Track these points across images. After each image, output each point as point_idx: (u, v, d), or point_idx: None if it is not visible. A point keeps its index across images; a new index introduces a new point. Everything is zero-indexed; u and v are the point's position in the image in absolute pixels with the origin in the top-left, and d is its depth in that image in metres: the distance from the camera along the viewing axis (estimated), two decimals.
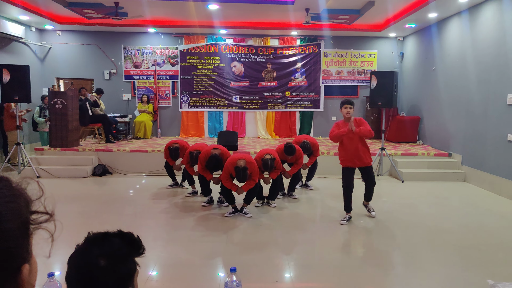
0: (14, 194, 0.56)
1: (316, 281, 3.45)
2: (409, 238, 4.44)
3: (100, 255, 0.99)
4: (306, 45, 10.74)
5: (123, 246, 1.03)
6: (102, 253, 0.99)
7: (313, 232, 4.74)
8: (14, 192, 0.56)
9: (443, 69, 8.39)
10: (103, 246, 1.01)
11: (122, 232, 1.05)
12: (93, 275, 0.97)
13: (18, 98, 7.23)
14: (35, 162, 7.72)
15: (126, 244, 1.03)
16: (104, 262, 0.98)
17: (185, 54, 10.62)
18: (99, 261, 0.98)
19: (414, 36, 10.04)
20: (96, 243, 1.02)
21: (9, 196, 0.55)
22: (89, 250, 1.00)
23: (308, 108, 10.86)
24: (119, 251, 1.01)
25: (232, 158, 5.10)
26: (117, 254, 1.01)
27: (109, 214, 5.31)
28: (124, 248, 1.03)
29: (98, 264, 0.97)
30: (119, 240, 1.03)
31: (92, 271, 0.97)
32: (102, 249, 1.00)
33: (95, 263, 0.98)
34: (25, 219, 0.57)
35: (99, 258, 0.98)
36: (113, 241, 1.02)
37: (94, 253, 0.99)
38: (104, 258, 0.98)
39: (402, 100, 10.57)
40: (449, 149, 8.05)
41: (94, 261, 0.98)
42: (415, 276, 3.48)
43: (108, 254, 0.99)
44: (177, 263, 3.69)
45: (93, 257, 0.98)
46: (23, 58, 9.59)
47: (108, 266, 0.98)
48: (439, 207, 5.72)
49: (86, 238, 1.04)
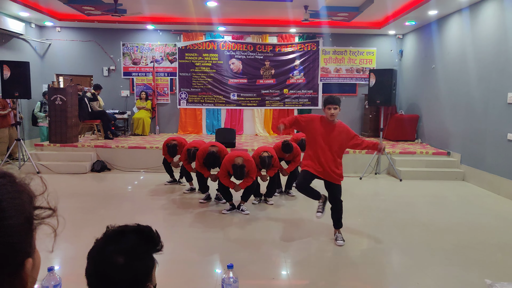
0: (18, 190, 0.56)
1: (312, 279, 3.46)
2: (407, 237, 4.45)
3: (116, 252, 0.99)
4: (304, 43, 10.73)
5: (140, 243, 1.02)
6: (118, 250, 1.00)
7: (310, 229, 4.76)
8: (18, 188, 0.57)
9: (443, 67, 8.39)
10: (119, 243, 1.01)
11: (140, 227, 1.05)
12: (109, 271, 0.98)
13: (19, 94, 7.24)
14: (35, 157, 7.74)
15: (143, 240, 1.03)
16: (120, 259, 0.98)
17: (183, 51, 10.61)
18: (115, 258, 0.98)
19: (413, 34, 10.04)
20: (113, 239, 1.02)
21: (12, 192, 0.55)
22: (106, 247, 1.01)
23: (306, 105, 10.86)
24: (136, 248, 1.01)
25: (230, 156, 5.11)
26: (134, 251, 1.01)
27: (107, 210, 5.32)
28: (141, 244, 1.02)
29: (114, 261, 0.98)
30: (136, 236, 1.03)
31: (108, 268, 0.99)
32: (118, 246, 1.00)
33: (110, 260, 0.99)
34: (28, 215, 0.57)
35: (115, 255, 0.99)
36: (130, 238, 1.02)
37: (110, 250, 1.00)
38: (120, 255, 0.99)
39: (401, 98, 10.58)
40: (448, 147, 8.06)
41: (110, 258, 0.99)
42: (412, 275, 3.50)
43: (124, 251, 1.00)
44: (175, 259, 3.70)
45: (109, 254, 0.99)
46: (23, 54, 9.58)
47: (124, 263, 0.98)
48: (437, 206, 5.73)
49: (105, 233, 1.05)
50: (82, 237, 3.94)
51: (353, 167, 7.87)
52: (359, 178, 7.43)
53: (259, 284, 3.33)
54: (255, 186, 5.35)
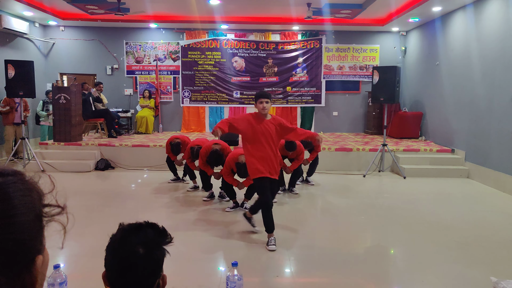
0: (28, 188, 0.57)
1: (316, 277, 3.46)
2: (411, 235, 4.44)
3: (139, 244, 1.09)
4: (307, 40, 10.70)
5: (156, 235, 1.13)
6: (140, 241, 1.10)
7: (314, 227, 4.76)
8: (28, 186, 0.57)
9: (447, 64, 8.35)
10: (139, 236, 1.11)
11: (152, 222, 1.16)
12: (134, 262, 1.08)
13: (23, 93, 7.27)
14: (39, 156, 7.78)
15: (157, 233, 1.14)
16: (142, 250, 1.08)
17: (186, 49, 10.61)
18: (139, 249, 1.08)
19: (417, 31, 9.98)
20: (133, 233, 1.12)
21: (23, 190, 0.56)
22: (128, 240, 1.10)
23: (309, 103, 10.84)
24: (154, 239, 1.12)
25: (233, 154, 5.11)
26: (153, 242, 1.11)
27: (111, 208, 5.34)
28: (157, 236, 1.13)
29: (138, 252, 1.08)
30: (151, 230, 1.14)
31: (132, 259, 1.08)
32: (139, 238, 1.10)
33: (135, 251, 1.08)
34: (38, 212, 0.58)
35: (138, 246, 1.09)
36: (148, 231, 1.13)
37: (133, 242, 1.09)
38: (143, 246, 1.09)
39: (404, 96, 10.54)
40: (452, 145, 8.02)
41: (134, 249, 1.08)
42: (417, 273, 3.48)
43: (145, 242, 1.10)
44: (178, 257, 3.71)
45: (132, 246, 1.09)
46: (28, 53, 9.62)
47: (146, 253, 1.09)
48: (441, 203, 5.70)
49: (122, 228, 1.14)
50: (87, 235, 3.95)
51: (357, 164, 7.86)
52: (363, 175, 7.41)
53: (263, 282, 3.34)
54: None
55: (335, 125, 10.91)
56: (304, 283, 3.35)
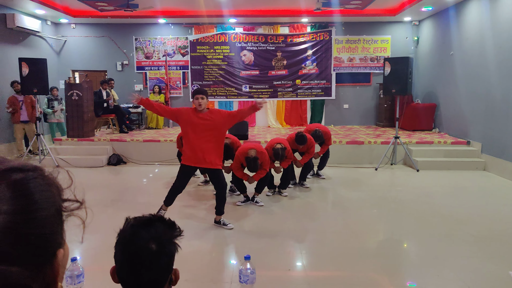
0: (48, 183, 0.58)
1: (328, 270, 3.44)
2: (425, 228, 4.36)
3: (151, 239, 1.06)
4: (317, 32, 10.59)
5: (166, 229, 1.11)
6: (152, 237, 1.07)
7: (325, 221, 4.72)
8: (48, 181, 0.59)
9: (461, 54, 8.17)
10: (150, 231, 1.08)
11: (160, 216, 1.14)
12: (147, 258, 1.05)
13: (37, 90, 7.36)
14: (54, 152, 7.89)
15: (167, 227, 1.12)
16: (155, 246, 1.06)
17: (195, 44, 10.59)
18: (151, 245, 1.06)
19: (430, 20, 9.79)
20: (144, 228, 1.09)
21: (43, 185, 0.57)
22: (139, 235, 1.07)
23: (319, 96, 10.75)
24: (165, 234, 1.10)
25: (243, 148, 5.09)
26: (164, 237, 1.09)
27: (123, 202, 5.39)
28: (168, 230, 1.11)
29: (150, 248, 1.06)
30: (161, 223, 1.11)
31: (145, 255, 1.05)
32: (150, 233, 1.08)
33: (147, 247, 1.05)
34: (58, 207, 0.59)
35: (150, 242, 1.06)
36: (158, 225, 1.10)
37: (145, 238, 1.07)
38: (155, 241, 1.06)
39: (417, 87, 10.37)
40: (468, 136, 7.86)
41: (146, 245, 1.06)
42: (431, 267, 3.43)
43: (156, 237, 1.07)
44: (190, 251, 3.72)
45: (144, 242, 1.06)
46: (40, 51, 9.73)
47: (158, 249, 1.06)
48: (456, 196, 5.59)
49: (131, 224, 1.11)
50: (101, 229, 3.99)
51: (369, 157, 7.77)
52: (375, 169, 7.33)
53: (275, 275, 3.32)
54: (268, 178, 5.33)
55: (346, 118, 10.81)
56: (317, 276, 3.32)
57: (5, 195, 0.51)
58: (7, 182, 0.53)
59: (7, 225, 0.50)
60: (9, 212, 0.50)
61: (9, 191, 0.52)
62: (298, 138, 5.58)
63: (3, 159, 0.56)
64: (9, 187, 0.52)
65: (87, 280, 2.49)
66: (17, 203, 0.52)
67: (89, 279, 2.49)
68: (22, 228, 0.52)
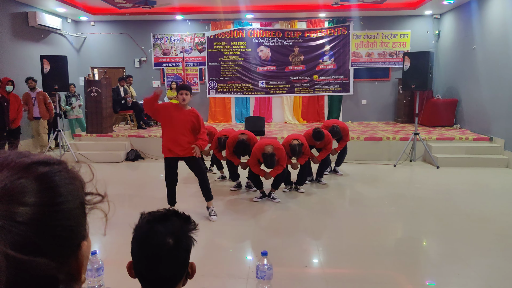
0: (72, 177, 0.60)
1: (346, 268, 3.40)
2: (445, 226, 4.27)
3: (168, 234, 1.06)
4: (334, 27, 10.46)
5: (182, 223, 1.11)
6: (169, 232, 1.07)
7: (342, 217, 4.67)
8: (71, 175, 0.60)
9: (484, 48, 7.93)
10: (167, 225, 1.08)
11: (175, 210, 1.14)
12: (165, 254, 1.05)
13: (58, 87, 7.51)
14: (74, 147, 8.05)
15: (183, 221, 1.11)
16: (172, 241, 1.06)
17: (212, 40, 10.61)
18: (168, 240, 1.06)
19: (452, 13, 9.54)
20: (160, 223, 1.09)
21: (68, 178, 0.58)
22: (156, 231, 1.07)
23: (336, 92, 10.63)
24: (182, 228, 1.09)
25: (260, 144, 5.08)
26: (181, 231, 1.09)
27: (141, 198, 5.46)
28: (184, 225, 1.10)
29: (168, 243, 1.05)
30: (177, 218, 1.11)
31: (163, 251, 1.05)
32: (167, 228, 1.07)
33: (164, 242, 1.05)
34: (82, 200, 0.61)
35: (168, 237, 1.06)
36: (174, 220, 1.10)
37: (162, 233, 1.06)
38: (172, 236, 1.06)
39: (437, 82, 10.14)
40: (490, 133, 7.65)
41: (164, 241, 1.05)
42: (452, 266, 3.35)
43: (173, 232, 1.07)
44: (206, 246, 3.74)
45: (162, 237, 1.06)
46: (61, 48, 9.93)
47: (175, 243, 1.06)
48: (478, 194, 5.46)
49: (147, 219, 1.11)
50: (118, 224, 4.04)
51: (387, 154, 7.65)
52: (393, 165, 7.21)
53: (292, 272, 3.31)
54: (285, 174, 5.30)
55: (364, 114, 10.66)
56: (334, 273, 3.30)
57: (32, 188, 0.52)
58: (34, 175, 0.54)
59: (35, 216, 0.51)
60: (36, 204, 0.52)
61: (36, 184, 0.53)
62: (315, 134, 5.53)
63: (28, 153, 0.58)
64: (36, 180, 0.54)
65: (106, 274, 2.53)
66: (44, 195, 0.53)
67: (107, 272, 2.53)
68: (49, 220, 0.53)
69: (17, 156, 0.56)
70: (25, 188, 0.52)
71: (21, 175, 0.53)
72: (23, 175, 0.53)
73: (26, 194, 0.52)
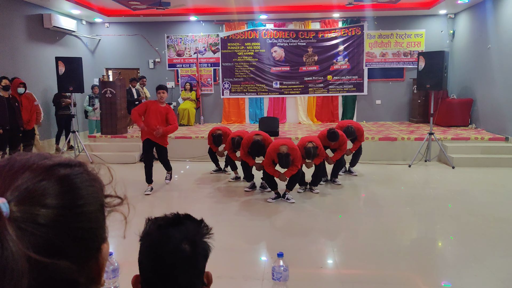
0: (92, 179, 0.59)
1: (361, 268, 3.40)
2: (462, 227, 4.23)
3: (183, 239, 0.96)
4: (348, 27, 10.41)
5: (197, 227, 1.00)
6: (184, 236, 0.97)
7: (357, 218, 4.66)
8: (92, 177, 0.60)
9: (499, 47, 7.81)
10: (181, 230, 0.98)
11: (187, 213, 1.04)
12: (181, 262, 0.95)
13: (73, 88, 7.64)
14: (88, 148, 8.16)
15: (197, 225, 1.01)
16: (188, 247, 0.96)
17: (226, 41, 10.66)
18: (184, 246, 0.95)
19: (466, 13, 9.41)
20: (173, 227, 0.98)
21: (88, 181, 0.58)
22: (170, 236, 0.96)
23: (351, 92, 10.58)
24: (197, 232, 0.99)
25: (274, 144, 5.10)
26: (197, 235, 0.99)
27: (155, 198, 5.53)
28: (199, 229, 1.00)
29: (184, 249, 0.95)
30: (190, 221, 1.01)
31: (179, 258, 0.95)
32: (182, 233, 0.97)
33: (180, 249, 0.95)
34: (102, 202, 0.61)
35: (183, 243, 0.96)
36: (188, 223, 1.00)
37: (177, 238, 0.96)
38: (188, 242, 0.96)
39: (452, 82, 10.00)
40: (506, 132, 7.53)
41: (179, 247, 0.95)
42: (467, 267, 3.33)
43: (189, 237, 0.97)
44: (221, 247, 3.76)
45: (177, 243, 0.95)
46: (76, 50, 10.09)
47: (192, 250, 0.96)
48: (494, 194, 5.39)
49: (157, 224, 1.00)
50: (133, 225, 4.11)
51: (402, 154, 7.60)
52: (408, 165, 7.15)
53: (308, 273, 3.32)
54: (300, 174, 5.31)
55: (378, 114, 10.59)
56: (349, 274, 3.30)
57: (54, 190, 0.52)
58: (55, 177, 0.53)
59: (57, 218, 0.51)
60: (58, 207, 0.51)
61: (58, 186, 0.53)
62: (330, 135, 5.53)
63: (49, 155, 0.57)
64: (58, 182, 0.53)
65: (121, 275, 2.57)
66: (66, 197, 0.53)
67: (122, 273, 2.57)
68: (71, 222, 0.53)
69: (38, 158, 0.56)
70: (46, 190, 0.52)
71: (43, 177, 0.53)
72: (45, 177, 0.53)
73: (48, 196, 0.51)
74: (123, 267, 2.62)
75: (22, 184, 0.51)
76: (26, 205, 0.49)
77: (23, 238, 0.47)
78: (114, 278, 2.49)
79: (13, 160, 0.55)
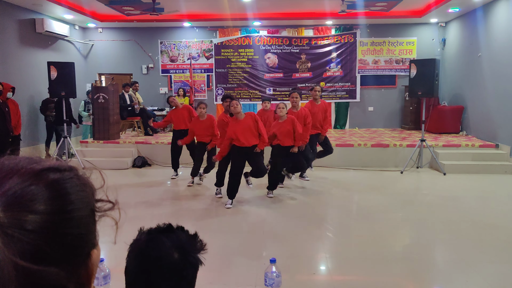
0: (83, 183, 0.58)
1: (354, 274, 3.40)
2: (453, 233, 4.26)
3: (173, 246, 0.94)
4: (341, 35, 10.51)
5: (189, 238, 0.99)
6: (174, 244, 0.95)
7: (350, 224, 4.68)
8: (82, 181, 0.58)
9: (490, 56, 7.94)
10: (171, 237, 0.96)
11: (181, 226, 1.02)
12: (168, 267, 0.93)
13: (65, 93, 7.58)
14: (80, 154, 8.09)
15: (190, 237, 0.99)
16: (177, 254, 0.94)
17: (219, 47, 10.70)
18: (173, 252, 0.93)
19: (457, 21, 9.56)
20: (164, 234, 0.97)
21: (79, 185, 0.57)
22: (160, 242, 0.95)
23: (343, 98, 10.65)
24: (189, 242, 0.98)
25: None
26: (188, 245, 0.97)
27: (148, 204, 5.48)
28: (191, 240, 0.98)
29: (172, 255, 0.93)
30: (182, 232, 1.00)
31: (166, 264, 0.93)
32: (172, 240, 0.95)
33: (169, 254, 0.93)
34: (92, 207, 0.59)
35: (173, 249, 0.94)
36: (179, 233, 0.98)
37: (166, 245, 0.94)
38: (177, 250, 0.94)
39: (443, 89, 10.13)
40: (496, 140, 7.63)
41: (168, 253, 0.93)
42: (460, 273, 3.35)
43: (179, 245, 0.95)
44: (215, 253, 3.75)
45: (166, 249, 0.94)
46: (68, 55, 10.03)
47: (181, 257, 0.94)
48: (485, 200, 5.45)
49: (148, 231, 0.99)
50: (124, 231, 4.08)
51: (394, 160, 7.65)
52: (400, 172, 7.20)
53: (300, 279, 3.32)
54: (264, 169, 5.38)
55: (371, 121, 10.67)
56: (342, 280, 3.30)
57: (43, 195, 0.51)
58: (44, 182, 0.52)
59: (45, 225, 0.49)
60: (47, 212, 0.50)
61: (47, 191, 0.51)
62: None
63: (39, 159, 0.56)
64: (47, 187, 0.52)
65: (112, 281, 2.54)
66: (55, 203, 0.51)
67: (113, 280, 2.54)
68: (60, 228, 0.51)
69: (27, 162, 0.54)
70: (35, 196, 0.50)
71: (31, 182, 0.51)
72: (33, 182, 0.51)
73: (36, 202, 0.50)
74: (114, 274, 2.59)
75: (9, 189, 0.49)
76: (13, 211, 0.48)
77: (10, 245, 0.46)
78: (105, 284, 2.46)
79: (1, 164, 0.53)
